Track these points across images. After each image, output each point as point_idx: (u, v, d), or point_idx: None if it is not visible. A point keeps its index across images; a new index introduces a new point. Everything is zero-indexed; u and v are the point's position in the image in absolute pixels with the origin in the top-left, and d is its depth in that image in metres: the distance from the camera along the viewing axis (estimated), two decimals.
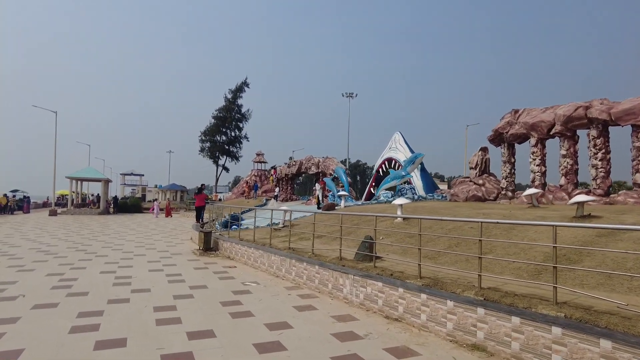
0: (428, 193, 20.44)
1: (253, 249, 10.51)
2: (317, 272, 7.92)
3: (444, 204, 15.45)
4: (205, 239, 12.43)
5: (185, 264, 10.76)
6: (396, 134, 23.41)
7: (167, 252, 12.95)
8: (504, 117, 16.86)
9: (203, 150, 61.16)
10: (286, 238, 12.18)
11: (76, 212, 35.15)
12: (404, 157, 22.09)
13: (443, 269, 7.03)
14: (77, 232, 18.71)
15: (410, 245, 8.83)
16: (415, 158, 19.05)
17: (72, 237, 16.53)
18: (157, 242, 15.75)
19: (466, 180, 17.76)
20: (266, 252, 9.87)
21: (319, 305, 6.79)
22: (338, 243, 10.75)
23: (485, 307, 5.03)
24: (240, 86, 60.57)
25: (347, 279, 7.13)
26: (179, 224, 25.53)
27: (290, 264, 8.78)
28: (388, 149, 23.47)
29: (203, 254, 12.20)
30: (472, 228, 9.41)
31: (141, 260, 11.09)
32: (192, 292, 7.55)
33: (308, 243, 11.07)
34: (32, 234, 17.76)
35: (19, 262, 10.36)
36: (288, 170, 35.42)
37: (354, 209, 15.74)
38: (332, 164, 27.81)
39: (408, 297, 6.05)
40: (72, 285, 7.84)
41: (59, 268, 9.67)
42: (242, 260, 11.07)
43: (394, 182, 18.65)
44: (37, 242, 14.59)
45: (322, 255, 9.03)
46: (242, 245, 11.22)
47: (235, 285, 8.21)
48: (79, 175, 36.77)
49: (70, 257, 11.32)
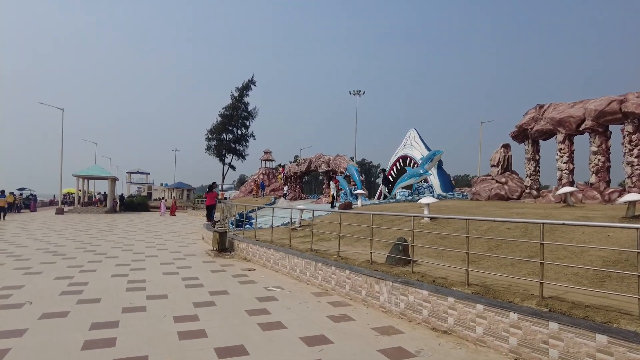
0: (445, 191, 19.73)
1: (273, 250, 9.86)
2: (348, 277, 7.25)
3: (467, 203, 14.75)
4: (220, 239, 11.80)
5: (201, 266, 10.13)
6: (411, 131, 22.69)
7: (179, 252, 12.32)
8: (527, 113, 16.10)
9: (209, 148, 60.64)
10: (305, 239, 11.52)
11: (83, 210, 34.68)
12: (420, 154, 21.37)
13: (489, 274, 6.36)
14: (85, 232, 18.15)
15: (445, 248, 8.16)
16: (434, 155, 18.33)
17: (80, 237, 15.95)
18: (167, 242, 15.14)
19: (488, 179, 17.02)
20: (287, 254, 9.21)
21: (354, 315, 6.13)
22: (362, 244, 10.10)
23: (559, 322, 4.35)
24: (246, 84, 59.99)
25: (384, 286, 6.46)
26: (188, 223, 24.94)
27: (316, 267, 8.11)
28: (403, 146, 22.75)
29: (218, 255, 11.56)
30: (509, 229, 8.73)
31: (154, 262, 10.46)
32: (212, 298, 6.91)
33: (329, 244, 10.42)
34: (39, 233, 17.21)
35: (25, 264, 9.77)
36: (297, 169, 34.77)
37: (372, 208, 15.07)
38: (344, 162, 27.12)
39: (460, 307, 5.37)
40: (82, 291, 7.21)
41: (67, 271, 9.06)
42: (260, 262, 10.42)
43: (411, 180, 17.94)
44: (45, 242, 14.01)
45: (348, 258, 8.36)
46: (259, 246, 10.57)
47: (259, 291, 7.56)
48: (85, 174, 36.29)
49: (80, 259, 10.72)
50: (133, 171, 68.16)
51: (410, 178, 17.91)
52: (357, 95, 58.35)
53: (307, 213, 15.89)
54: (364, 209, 14.89)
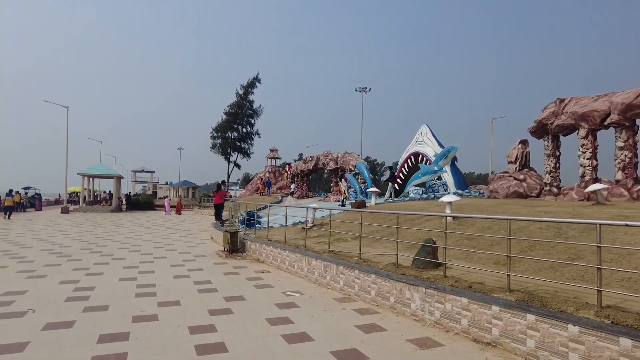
0: (460, 189, 19.14)
1: (288, 251, 9.34)
2: (374, 282, 6.72)
3: (486, 201, 14.17)
4: (232, 239, 11.29)
5: (213, 268, 9.62)
6: (423, 127, 22.08)
7: (189, 253, 11.83)
8: (547, 107, 15.47)
9: (214, 146, 60.20)
10: (320, 239, 11.00)
11: (88, 209, 34.34)
12: (433, 151, 20.77)
13: (529, 279, 5.81)
14: (91, 231, 17.71)
15: (473, 249, 7.62)
16: (448, 152, 17.74)
17: (85, 237, 15.51)
18: (176, 242, 14.66)
19: (505, 176, 16.42)
20: (304, 255, 8.69)
21: (385, 325, 5.60)
22: (382, 245, 9.56)
23: (633, 338, 3.80)
24: (251, 82, 59.48)
25: (416, 293, 5.92)
26: (195, 222, 24.48)
27: (336, 270, 7.58)
28: (414, 143, 22.16)
29: (229, 256, 11.06)
30: (541, 229, 8.17)
31: (163, 264, 9.97)
32: (229, 305, 6.39)
33: (346, 245, 9.89)
34: (44, 233, 16.78)
35: (29, 267, 9.30)
36: (304, 167, 34.24)
37: (387, 206, 14.52)
38: (352, 159, 26.56)
39: (506, 317, 4.83)
40: (89, 297, 6.72)
41: (73, 274, 8.58)
42: (274, 264, 9.90)
43: (425, 177, 17.37)
44: (49, 243, 13.57)
45: (370, 260, 7.83)
46: (273, 247, 10.05)
47: (277, 296, 7.04)
48: (90, 172, 35.93)
49: (85, 261, 10.24)
50: (138, 170, 67.94)
51: (424, 175, 17.35)
52: (362, 92, 57.76)
53: (319, 212, 15.37)
54: (378, 208, 14.35)
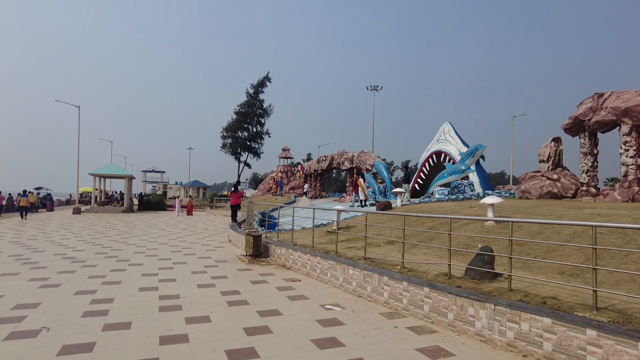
0: (485, 190, 18.26)
1: (319, 258, 8.57)
2: (427, 295, 5.93)
3: (522, 202, 13.29)
4: (255, 243, 10.56)
5: (237, 275, 8.90)
6: (445, 125, 21.20)
7: (209, 258, 11.13)
8: (583, 103, 14.55)
9: (225, 146, 59.74)
10: (350, 244, 10.24)
11: (100, 210, 33.91)
12: (456, 149, 19.90)
13: (613, 294, 5.00)
14: (104, 233, 17.12)
15: (527, 257, 6.81)
16: (476, 150, 16.87)
17: (99, 240, 14.89)
18: (193, 245, 13.98)
19: (537, 175, 15.52)
20: (339, 263, 7.92)
21: (450, 347, 4.81)
22: (421, 252, 8.76)
23: None
24: (262, 81, 58.88)
25: (482, 310, 5.13)
26: (209, 223, 23.84)
27: (379, 281, 6.80)
28: (436, 142, 21.29)
29: (253, 262, 10.34)
30: (602, 234, 7.33)
31: (184, 271, 9.28)
32: (265, 322, 5.65)
33: (380, 251, 9.11)
34: (56, 235, 16.22)
35: (42, 274, 8.65)
36: (317, 166, 33.49)
37: (415, 208, 13.71)
38: (369, 158, 25.75)
39: (608, 345, 4.02)
40: (107, 311, 6.02)
41: (89, 283, 7.91)
42: (303, 271, 9.15)
43: (451, 177, 16.51)
44: (63, 246, 12.96)
45: (415, 269, 7.06)
46: (302, 253, 9.30)
47: (315, 311, 6.29)
48: (102, 172, 35.51)
49: (101, 267, 9.58)
50: (148, 170, 67.68)
51: (450, 175, 16.49)
52: (374, 90, 56.86)
53: (342, 214, 14.51)
54: (405, 210, 13.54)
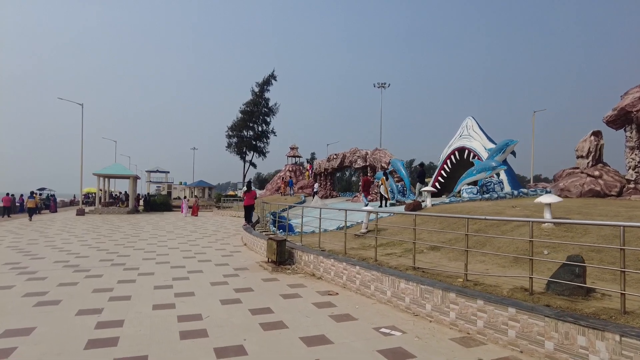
0: (514, 188, 17.04)
1: (359, 267, 7.38)
2: (513, 318, 4.74)
3: (570, 202, 12.06)
4: (279, 249, 9.38)
5: (264, 287, 7.72)
6: (468, 119, 19.97)
7: (227, 265, 9.96)
8: (629, 93, 13.29)
9: (230, 145, 58.73)
10: (386, 249, 9.04)
11: (104, 211, 32.82)
12: (481, 145, 18.68)
13: None
14: (109, 237, 15.99)
15: (613, 266, 5.59)
16: (506, 145, 15.65)
17: (104, 244, 13.75)
18: (206, 249, 12.81)
19: (576, 172, 14.28)
20: (386, 274, 6.72)
21: None
22: (475, 259, 7.57)
23: None
24: (267, 79, 57.83)
25: (600, 340, 3.93)
26: (219, 225, 22.67)
27: (444, 298, 5.61)
28: (458, 137, 20.06)
29: (277, 270, 9.17)
30: None
31: (201, 281, 8.11)
32: (315, 353, 4.47)
33: (426, 257, 7.92)
34: (58, 239, 15.09)
35: (40, 287, 7.50)
36: (328, 165, 32.29)
37: (447, 208, 12.51)
38: (385, 156, 24.54)
39: None
40: (117, 339, 4.85)
41: (93, 298, 6.75)
42: (338, 282, 7.96)
43: (481, 174, 15.29)
44: (65, 252, 11.82)
45: (483, 283, 5.87)
46: (336, 261, 8.10)
47: (371, 336, 5.10)
48: (106, 172, 34.42)
49: (107, 277, 8.42)
50: (152, 170, 66.63)
51: (479, 172, 15.27)
52: (381, 88, 55.69)
53: (354, 214, 13.18)
54: (438, 210, 12.35)
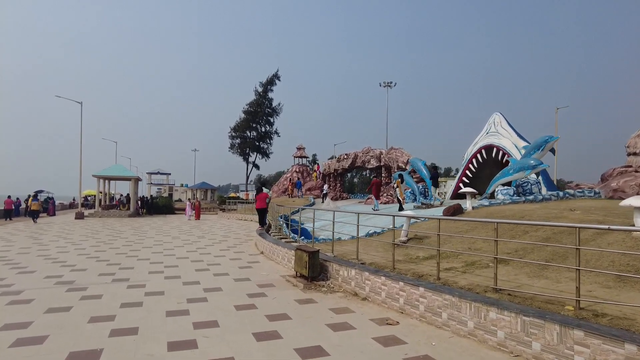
0: (549, 189, 15.54)
1: (423, 289, 5.83)
2: None
3: None
4: (311, 262, 7.83)
5: (302, 313, 6.18)
6: (496, 116, 18.46)
7: (248, 280, 8.41)
8: None
9: (233, 146, 57.19)
10: (444, 262, 7.50)
11: (104, 214, 31.23)
12: (511, 142, 17.17)
13: None
14: (110, 244, 14.43)
15: None
16: (546, 142, 14.11)
17: (104, 253, 12.20)
18: (219, 259, 11.25)
19: (629, 171, 12.78)
20: (464, 299, 5.17)
21: None
22: (561, 276, 6.05)
23: None
24: (271, 79, 56.30)
25: None
26: (227, 229, 21.10)
27: (565, 337, 4.06)
28: (485, 135, 18.54)
29: (309, 287, 7.62)
30: None
31: (223, 304, 6.56)
32: None
33: (488, 273, 6.39)
34: (53, 247, 13.51)
35: (22, 314, 5.94)
36: (338, 165, 30.77)
37: (493, 212, 10.98)
38: (402, 155, 23.02)
39: None
40: None
41: (90, 332, 5.19)
42: (393, 307, 6.40)
43: (519, 174, 13.75)
44: (59, 264, 10.26)
45: (606, 314, 4.35)
46: (389, 279, 6.54)
47: None
48: (106, 174, 32.81)
49: (107, 298, 6.87)
50: (153, 172, 65.01)
51: (517, 171, 13.73)
52: (387, 87, 54.23)
53: (380, 219, 11.42)
54: (483, 214, 10.82)
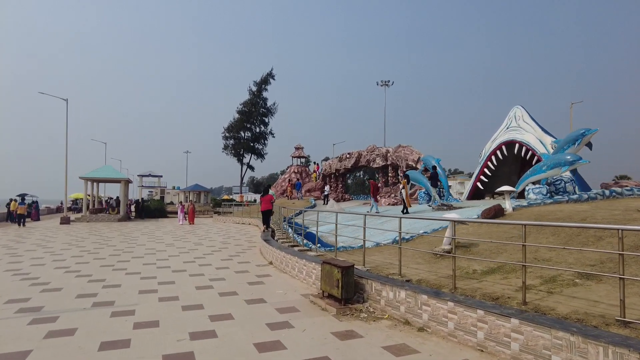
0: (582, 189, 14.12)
1: (516, 320, 4.25)
2: None
3: None
4: (345, 280, 6.19)
5: (346, 353, 4.53)
6: (517, 109, 17.04)
7: (263, 302, 6.75)
8: None
9: (227, 147, 55.39)
10: (512, 279, 5.93)
11: (92, 218, 29.21)
12: (534, 137, 15.75)
13: None
14: (95, 254, 12.64)
15: None
16: (582, 135, 12.67)
17: (87, 265, 10.43)
18: (222, 271, 9.56)
19: None
20: (591, 339, 3.60)
21: None
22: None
23: None
24: (265, 78, 54.67)
25: None
26: (225, 234, 19.33)
27: None
28: (505, 130, 17.11)
29: (343, 311, 5.99)
30: None
31: (239, 342, 4.89)
32: None
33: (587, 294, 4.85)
34: (27, 258, 11.67)
35: None
36: (339, 165, 29.19)
37: (541, 213, 9.47)
38: (411, 153, 21.50)
39: None
40: None
41: None
42: (465, 341, 4.80)
43: (553, 171, 12.27)
44: (29, 281, 8.48)
45: None
46: (459, 305, 4.94)
47: None
48: (95, 176, 30.74)
49: (82, 335, 5.15)
50: (145, 174, 62.81)
51: (552, 168, 12.24)
52: (385, 86, 52.91)
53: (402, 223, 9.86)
54: (525, 216, 9.31)
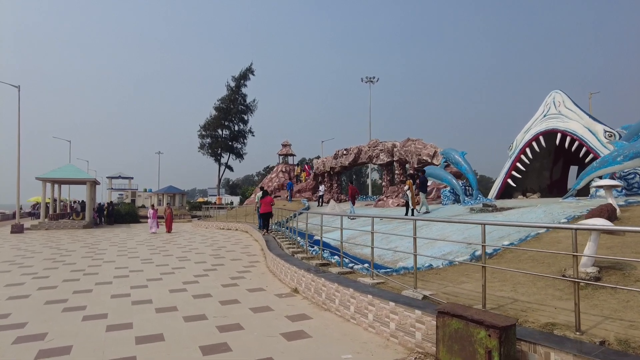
0: None
1: None
2: None
3: None
4: (505, 351, 3.30)
5: None
6: (555, 94, 14.67)
7: None
8: None
9: (203, 146, 51.42)
10: None
11: (52, 225, 25.07)
12: (582, 126, 13.42)
13: None
14: (46, 277, 9.20)
15: None
16: None
17: (25, 302, 7.07)
18: (233, 309, 6.45)
19: None
20: None
21: None
22: None
23: None
24: (244, 73, 51.12)
25: None
26: (214, 244, 15.94)
27: None
28: (542, 118, 14.70)
29: None
30: None
31: None
32: None
33: None
34: None
35: None
36: (335, 163, 26.29)
37: None
38: (424, 147, 18.87)
39: None
40: None
41: None
42: None
43: (632, 162, 9.92)
44: None
45: None
46: None
47: None
48: (54, 176, 26.39)
49: None
50: (114, 176, 57.83)
51: (632, 159, 9.89)
52: (370, 82, 50.52)
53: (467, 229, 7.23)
54: None
